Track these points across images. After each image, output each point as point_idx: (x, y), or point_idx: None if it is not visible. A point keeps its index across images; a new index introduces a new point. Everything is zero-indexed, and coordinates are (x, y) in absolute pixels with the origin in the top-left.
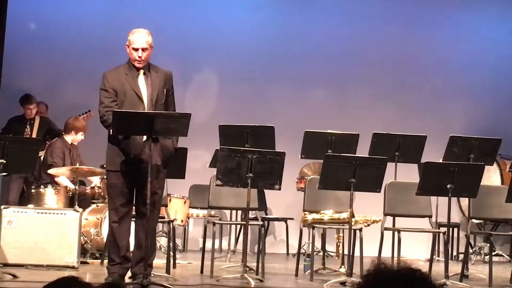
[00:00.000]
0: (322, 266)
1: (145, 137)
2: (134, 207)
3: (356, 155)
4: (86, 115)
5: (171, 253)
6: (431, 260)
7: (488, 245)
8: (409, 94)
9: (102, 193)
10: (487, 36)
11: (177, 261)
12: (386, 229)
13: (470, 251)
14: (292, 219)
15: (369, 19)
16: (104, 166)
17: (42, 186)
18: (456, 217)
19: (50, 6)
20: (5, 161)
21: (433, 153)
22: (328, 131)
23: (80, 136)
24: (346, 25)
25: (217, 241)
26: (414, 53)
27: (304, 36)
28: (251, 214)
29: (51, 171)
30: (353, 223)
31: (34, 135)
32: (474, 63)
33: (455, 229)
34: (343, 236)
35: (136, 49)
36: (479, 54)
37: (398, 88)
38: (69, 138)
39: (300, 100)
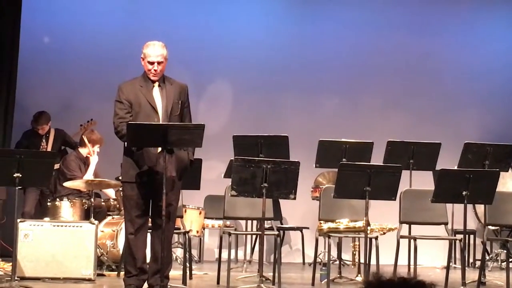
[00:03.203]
0: (338, 275)
1: (159, 149)
2: (150, 219)
3: (370, 163)
4: (88, 124)
5: (187, 264)
6: (447, 268)
7: (505, 251)
8: (422, 101)
9: (118, 205)
10: (499, 41)
11: (193, 272)
12: (402, 237)
13: (487, 258)
14: (308, 228)
15: (380, 27)
16: (119, 178)
17: (57, 199)
18: (472, 224)
19: (63, 20)
20: (20, 175)
21: (448, 160)
22: (342, 139)
23: (97, 149)
24: (357, 33)
25: (233, 251)
26: (426, 60)
27: (316, 45)
28: (267, 224)
29: (67, 183)
30: (368, 232)
31: (49, 148)
32: (487, 69)
33: (472, 236)
34: (359, 245)
35: (152, 63)
36: (492, 59)
37: (411, 95)
38: (85, 151)
39: (314, 109)
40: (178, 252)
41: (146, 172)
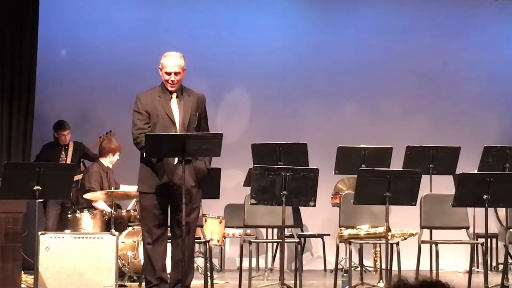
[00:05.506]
0: (360, 282)
1: (176, 159)
2: (169, 229)
3: (390, 168)
4: (107, 136)
5: (209, 274)
6: (470, 272)
7: None
8: (441, 105)
9: (138, 216)
10: None
11: (214, 281)
12: (423, 242)
13: (510, 261)
14: (329, 235)
15: (399, 32)
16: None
17: (78, 211)
18: (493, 228)
19: (80, 32)
20: (41, 188)
21: (468, 164)
22: (361, 145)
23: (117, 157)
24: (375, 38)
25: (254, 260)
26: (445, 64)
27: (334, 51)
28: (287, 232)
29: (87, 195)
30: (389, 237)
31: (69, 161)
32: (505, 72)
33: (493, 240)
34: (380, 251)
35: (169, 73)
36: (510, 63)
37: (430, 100)
38: (106, 161)
39: (332, 115)
40: (199, 262)
41: (163, 183)
